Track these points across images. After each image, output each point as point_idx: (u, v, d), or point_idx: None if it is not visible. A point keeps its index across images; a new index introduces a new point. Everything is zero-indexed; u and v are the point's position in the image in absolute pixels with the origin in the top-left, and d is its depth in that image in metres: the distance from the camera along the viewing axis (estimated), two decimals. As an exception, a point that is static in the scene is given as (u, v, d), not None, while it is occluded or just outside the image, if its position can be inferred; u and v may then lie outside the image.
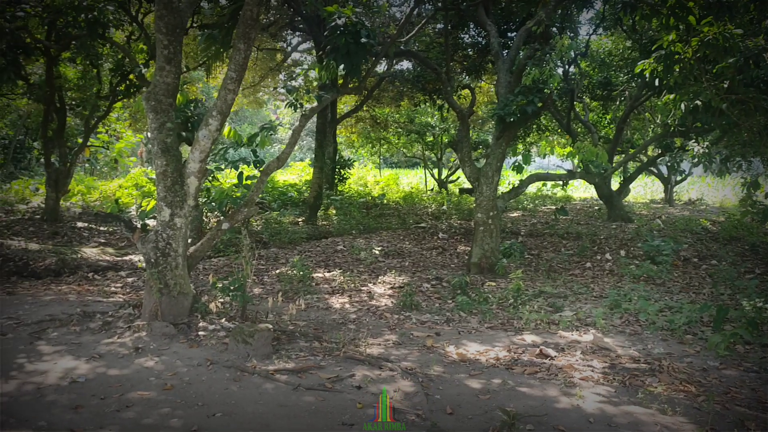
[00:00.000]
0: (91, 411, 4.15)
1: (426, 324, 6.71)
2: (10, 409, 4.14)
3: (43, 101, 12.98)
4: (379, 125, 21.73)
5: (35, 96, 13.61)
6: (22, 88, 14.00)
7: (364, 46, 6.52)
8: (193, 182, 5.94)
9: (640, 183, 25.59)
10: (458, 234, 13.35)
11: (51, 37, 9.95)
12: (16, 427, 3.87)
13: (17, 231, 11.61)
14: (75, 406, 4.21)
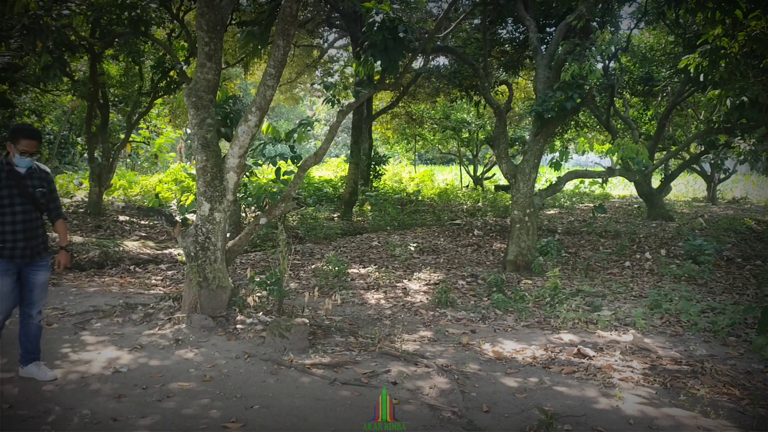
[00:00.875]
0: (133, 400, 4.25)
1: (461, 321, 6.69)
2: (56, 398, 4.27)
3: (87, 98, 13.31)
4: (414, 121, 21.70)
5: (80, 93, 13.95)
6: (67, 85, 14.37)
7: (402, 41, 6.51)
8: (232, 177, 6.01)
9: (681, 181, 25.01)
10: (494, 231, 13.26)
11: (95, 35, 10.19)
12: (61, 414, 3.99)
13: (62, 224, 11.91)
14: (118, 396, 4.31)
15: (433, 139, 24.12)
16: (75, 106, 18.35)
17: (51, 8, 6.77)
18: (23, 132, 4.32)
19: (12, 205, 4.29)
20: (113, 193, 17.17)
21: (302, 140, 6.77)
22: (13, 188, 4.30)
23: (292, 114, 43.71)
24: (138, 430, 3.82)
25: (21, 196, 4.32)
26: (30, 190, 4.38)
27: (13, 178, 4.31)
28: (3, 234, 4.26)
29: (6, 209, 4.28)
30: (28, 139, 4.28)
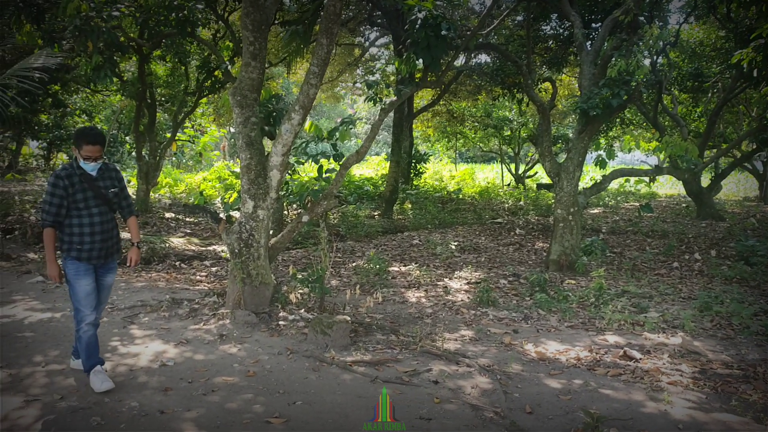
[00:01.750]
0: (179, 393, 4.34)
1: (503, 321, 6.61)
2: (106, 389, 4.39)
3: (136, 98, 13.64)
4: (455, 119, 21.58)
5: (128, 93, 14.32)
6: (116, 85, 14.76)
7: (445, 39, 6.47)
8: (276, 175, 6.08)
9: (732, 179, 24.25)
10: (536, 230, 13.09)
11: (143, 36, 10.43)
12: (111, 406, 4.10)
13: (111, 220, 12.24)
14: (164, 389, 4.41)
15: (474, 137, 23.94)
16: (124, 106, 18.86)
17: (102, 10, 6.96)
18: (86, 137, 4.25)
19: (88, 207, 4.30)
20: (159, 191, 17.57)
21: (344, 138, 6.80)
22: (87, 191, 4.29)
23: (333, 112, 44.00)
24: (184, 422, 3.90)
25: (95, 198, 4.33)
26: (103, 191, 4.39)
27: (86, 180, 4.30)
28: (81, 236, 4.28)
29: (83, 212, 4.28)
30: (90, 145, 4.23)
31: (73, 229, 4.28)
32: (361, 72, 21.84)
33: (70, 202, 4.23)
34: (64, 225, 4.28)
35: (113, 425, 3.83)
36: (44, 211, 4.24)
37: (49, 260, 4.28)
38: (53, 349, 5.21)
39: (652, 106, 14.52)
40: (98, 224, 4.34)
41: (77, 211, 4.26)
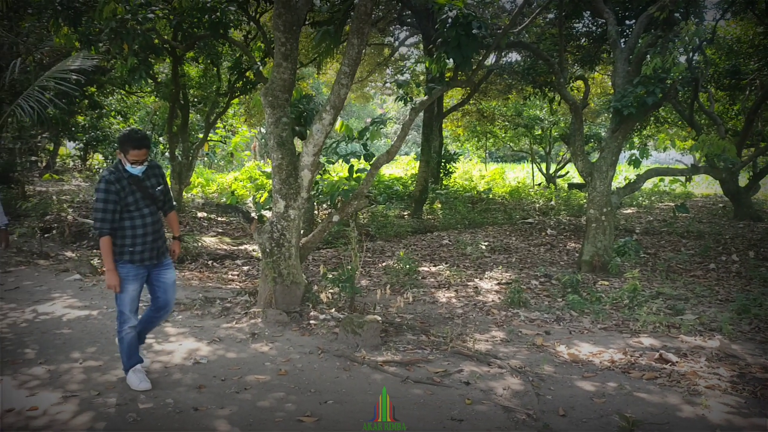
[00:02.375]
0: (212, 391, 4.39)
1: (535, 322, 6.55)
2: (141, 385, 4.46)
3: (169, 99, 13.85)
4: (485, 119, 21.43)
5: (162, 94, 14.54)
6: (150, 87, 15.02)
7: (476, 37, 6.43)
8: (307, 175, 6.11)
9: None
10: (567, 230, 12.93)
11: (177, 38, 10.59)
12: (146, 402, 4.16)
13: (145, 220, 12.44)
14: (198, 386, 4.47)
15: (505, 136, 23.75)
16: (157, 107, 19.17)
17: (137, 13, 7.09)
18: (132, 142, 4.18)
19: (139, 209, 4.26)
20: (192, 191, 17.81)
21: (375, 138, 6.80)
22: (136, 192, 4.24)
23: (362, 112, 44.10)
24: (217, 420, 3.94)
25: (144, 199, 4.30)
26: (150, 191, 4.35)
27: (134, 182, 4.26)
28: (134, 238, 4.25)
29: (134, 213, 4.25)
30: (137, 150, 4.16)
31: (126, 232, 4.24)
32: (390, 72, 21.85)
33: (122, 205, 4.19)
34: (115, 229, 4.23)
35: (149, 421, 3.89)
36: (99, 220, 4.14)
37: (109, 269, 4.21)
38: (90, 346, 5.32)
39: (687, 104, 14.22)
40: (150, 225, 4.32)
41: (128, 213, 4.23)
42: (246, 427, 3.86)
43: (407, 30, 18.75)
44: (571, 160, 12.60)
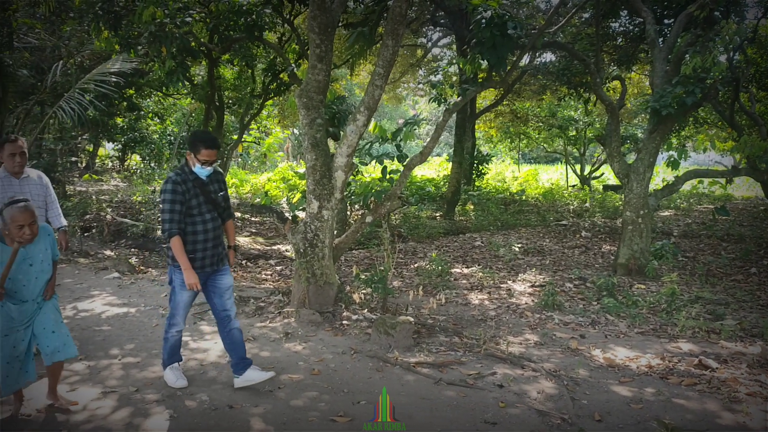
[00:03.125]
0: (246, 389, 4.43)
1: (569, 325, 6.46)
2: (178, 382, 4.53)
3: (205, 100, 14.05)
4: (519, 119, 21.25)
5: (198, 96, 14.76)
6: (186, 89, 15.26)
7: (511, 38, 6.37)
8: (340, 176, 6.14)
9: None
10: (602, 233, 12.73)
11: (213, 41, 10.73)
12: (183, 399, 4.23)
13: (181, 219, 12.65)
14: (233, 384, 4.51)
15: (538, 137, 23.52)
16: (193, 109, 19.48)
17: (175, 16, 7.22)
18: (204, 142, 4.13)
19: (201, 213, 4.17)
20: (226, 191, 18.03)
21: (408, 139, 6.80)
22: (199, 196, 4.17)
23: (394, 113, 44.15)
24: (252, 418, 3.98)
25: (207, 204, 4.21)
26: (213, 196, 4.27)
27: (199, 186, 4.18)
28: (195, 244, 4.15)
29: (197, 218, 4.16)
30: (208, 149, 4.12)
31: (187, 237, 4.14)
32: (423, 73, 21.81)
33: (185, 208, 4.11)
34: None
35: (185, 418, 3.95)
36: (167, 221, 4.06)
37: (185, 268, 4.09)
38: (129, 343, 5.43)
39: (728, 104, 13.87)
40: (211, 230, 4.23)
41: (191, 218, 4.15)
42: (280, 426, 3.89)
43: (440, 31, 18.70)
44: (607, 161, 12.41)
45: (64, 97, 10.45)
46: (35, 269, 3.74)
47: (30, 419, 3.90)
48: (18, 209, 3.54)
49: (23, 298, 3.73)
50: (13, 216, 3.52)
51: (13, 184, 4.96)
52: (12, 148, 4.89)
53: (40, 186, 5.18)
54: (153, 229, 10.67)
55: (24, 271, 3.69)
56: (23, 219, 3.54)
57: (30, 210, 3.59)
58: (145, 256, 9.82)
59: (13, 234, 3.56)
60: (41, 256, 3.78)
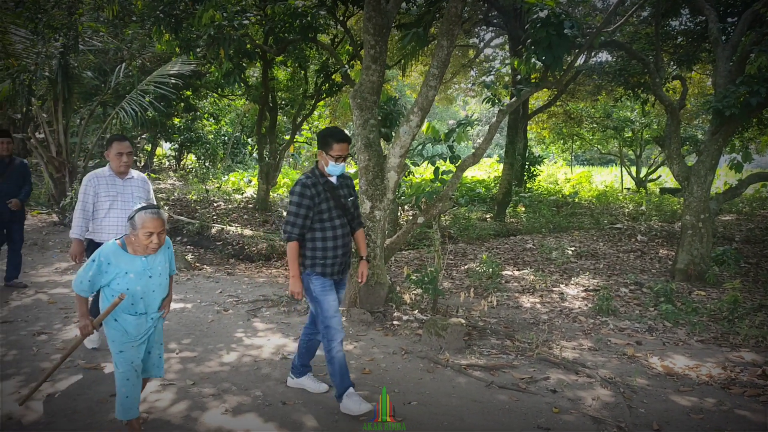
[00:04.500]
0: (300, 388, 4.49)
1: (625, 331, 6.31)
2: (231, 378, 4.63)
3: (259, 101, 14.32)
4: (572, 120, 20.86)
5: (252, 97, 15.07)
6: (241, 90, 15.59)
7: (568, 38, 6.26)
8: (393, 176, 6.15)
9: None
10: (659, 237, 12.37)
11: (267, 42, 10.93)
12: (237, 394, 4.31)
13: (234, 218, 12.95)
14: (285, 381, 4.58)
15: (592, 138, 23.02)
16: (247, 110, 19.87)
17: (233, 19, 7.37)
18: (334, 136, 3.99)
19: (331, 219, 4.01)
20: (278, 190, 18.32)
21: (461, 140, 6.76)
22: (330, 201, 4.01)
23: (445, 114, 43.98)
24: (305, 415, 4.03)
25: (336, 209, 4.04)
26: (343, 201, 4.11)
27: (329, 189, 4.02)
28: (325, 250, 4.00)
29: (326, 223, 4.00)
30: (340, 143, 3.96)
31: (316, 243, 4.00)
32: (474, 73, 21.66)
33: (315, 212, 3.97)
34: (306, 238, 4.01)
35: (240, 413, 4.03)
36: (290, 224, 3.95)
37: (293, 275, 4.00)
38: (186, 338, 5.57)
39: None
40: (340, 237, 4.06)
41: (321, 223, 3.99)
42: (331, 424, 3.92)
43: (493, 31, 18.53)
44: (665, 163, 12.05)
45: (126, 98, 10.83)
46: (154, 282, 3.47)
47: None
48: (150, 215, 3.29)
49: (140, 311, 3.47)
50: (144, 222, 3.27)
51: (116, 185, 4.90)
52: (119, 147, 4.83)
53: (143, 189, 5.07)
54: (208, 227, 10.92)
55: (143, 283, 3.42)
56: (154, 226, 3.29)
57: (162, 218, 3.35)
58: (200, 254, 10.07)
59: (141, 242, 3.31)
60: (160, 269, 3.50)
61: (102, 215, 4.88)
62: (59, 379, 4.51)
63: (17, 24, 10.41)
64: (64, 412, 3.97)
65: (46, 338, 5.50)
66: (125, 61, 12.00)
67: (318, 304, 4.04)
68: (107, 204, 4.86)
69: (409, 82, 23.57)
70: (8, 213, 6.93)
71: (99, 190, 4.86)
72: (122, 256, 3.38)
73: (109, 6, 9.51)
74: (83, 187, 4.89)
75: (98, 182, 4.87)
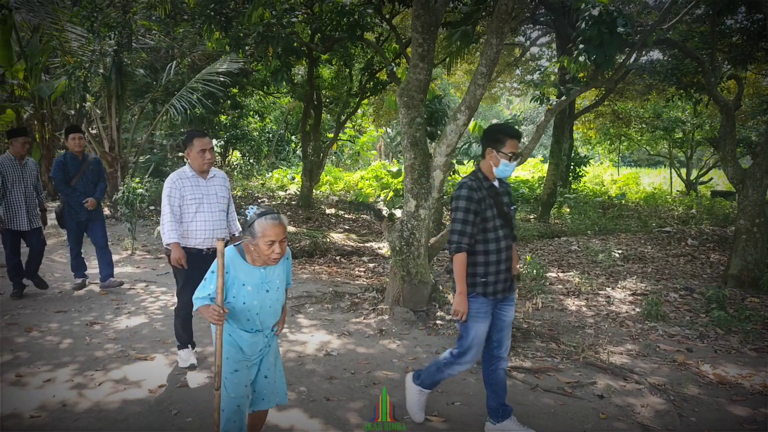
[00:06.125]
0: (342, 383, 4.52)
1: (674, 338, 6.13)
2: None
3: (304, 99, 14.45)
4: (620, 120, 20.42)
5: (297, 94, 15.21)
6: (286, 88, 15.76)
7: (620, 36, 6.12)
8: (439, 175, 6.12)
9: None
10: (710, 241, 12.00)
11: (314, 40, 11.02)
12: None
13: (278, 214, 13.08)
14: (329, 377, 4.61)
15: (641, 139, 22.50)
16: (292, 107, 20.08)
17: (282, 17, 7.46)
18: (506, 131, 3.57)
19: (496, 229, 3.53)
20: (321, 188, 18.48)
21: (508, 139, 6.66)
22: (494, 208, 3.53)
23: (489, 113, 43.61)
24: (348, 412, 4.05)
25: (500, 217, 3.56)
26: (506, 209, 3.61)
27: (493, 195, 3.56)
28: (487, 266, 3.53)
29: (490, 234, 3.52)
30: (513, 138, 3.53)
31: (477, 257, 3.53)
32: (519, 72, 21.42)
33: (480, 221, 3.51)
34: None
35: (285, 408, 4.07)
36: (458, 231, 3.48)
37: (460, 292, 3.50)
38: (231, 331, 5.65)
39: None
40: (504, 250, 3.58)
41: (483, 233, 3.52)
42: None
43: (540, 29, 18.28)
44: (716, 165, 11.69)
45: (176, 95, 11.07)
46: (271, 296, 3.08)
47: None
48: (271, 221, 2.90)
49: (256, 327, 3.08)
50: (265, 230, 2.88)
51: (200, 186, 4.60)
52: (201, 144, 4.50)
53: (225, 188, 4.78)
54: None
55: (260, 297, 3.04)
56: (275, 234, 2.89)
57: (284, 225, 2.96)
58: (245, 249, 10.21)
59: (261, 251, 2.93)
60: (278, 282, 3.11)
61: (189, 219, 4.55)
62: (111, 368, 4.64)
63: (74, 22, 10.74)
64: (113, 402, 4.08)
65: (99, 328, 5.67)
66: (176, 59, 12.26)
67: (466, 328, 3.58)
68: (194, 207, 4.54)
69: (453, 81, 23.44)
70: (85, 213, 6.82)
71: (185, 192, 4.52)
72: (241, 265, 3.02)
73: (161, 5, 9.72)
74: (167, 189, 4.52)
75: (183, 184, 4.53)
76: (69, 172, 6.78)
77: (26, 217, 6.48)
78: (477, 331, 3.56)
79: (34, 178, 6.65)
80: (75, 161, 6.81)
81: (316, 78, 14.34)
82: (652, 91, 16.67)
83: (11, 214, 6.42)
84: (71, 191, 6.76)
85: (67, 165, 6.79)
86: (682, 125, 19.70)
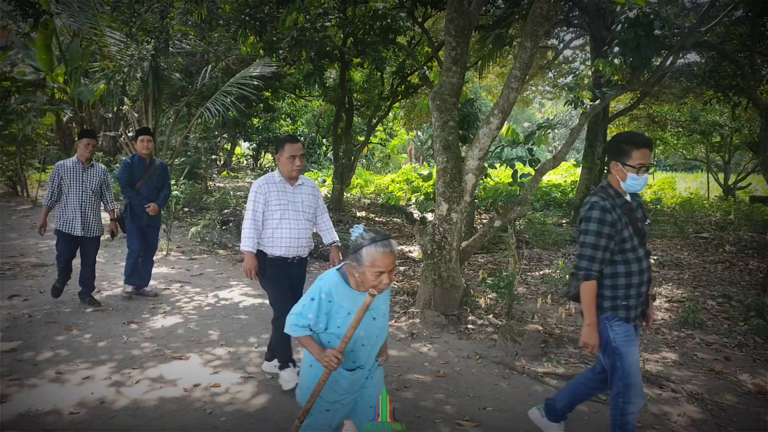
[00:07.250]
0: (374, 385, 4.52)
1: (712, 346, 6.01)
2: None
3: (335, 102, 14.53)
4: (656, 124, 20.06)
5: (329, 98, 15.30)
6: (318, 91, 15.87)
7: (657, 38, 6.03)
8: (471, 179, 6.10)
9: None
10: (749, 248, 11.71)
11: (346, 44, 11.08)
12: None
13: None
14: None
15: (677, 143, 22.07)
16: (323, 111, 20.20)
17: (315, 21, 7.52)
18: (632, 140, 3.25)
19: (635, 249, 3.24)
20: (351, 191, 18.54)
21: (541, 143, 6.63)
22: (629, 226, 3.24)
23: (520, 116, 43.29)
24: (380, 414, 4.05)
25: (637, 236, 3.27)
26: (640, 225, 3.32)
27: (627, 212, 3.26)
28: (628, 289, 3.24)
29: (630, 254, 3.23)
30: (641, 149, 3.20)
31: (618, 279, 3.24)
32: (552, 75, 21.21)
33: (618, 241, 3.23)
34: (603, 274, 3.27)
35: (317, 408, 4.10)
36: (587, 257, 3.20)
37: (589, 323, 3.25)
38: (264, 333, 5.72)
39: None
40: (645, 271, 3.30)
41: (623, 254, 3.24)
42: (408, 426, 3.92)
43: (573, 32, 18.07)
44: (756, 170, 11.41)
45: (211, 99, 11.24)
46: (378, 323, 2.83)
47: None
48: (382, 249, 2.62)
49: (359, 363, 2.84)
50: (375, 260, 2.61)
51: (287, 192, 4.44)
52: (292, 149, 4.35)
53: (314, 197, 4.62)
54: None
55: (367, 326, 2.76)
56: (386, 264, 2.62)
57: (395, 253, 2.68)
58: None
59: (368, 280, 2.65)
60: (384, 308, 2.87)
61: (273, 226, 4.38)
62: (148, 367, 4.73)
63: (113, 27, 10.98)
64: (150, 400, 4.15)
65: (136, 327, 5.78)
66: (211, 63, 12.45)
67: (619, 358, 3.25)
68: (278, 214, 4.37)
69: (484, 84, 23.34)
70: (146, 218, 6.67)
71: (270, 197, 4.37)
72: (345, 292, 2.73)
73: (197, 10, 9.89)
74: (252, 194, 4.39)
75: (269, 189, 4.38)
76: (134, 175, 6.65)
77: (80, 223, 6.23)
78: (633, 356, 3.25)
79: (96, 184, 6.35)
80: (142, 164, 6.69)
81: (348, 81, 14.41)
82: (689, 94, 16.34)
83: (66, 218, 6.20)
84: (135, 194, 6.61)
85: (134, 167, 6.66)
86: (720, 129, 19.27)
